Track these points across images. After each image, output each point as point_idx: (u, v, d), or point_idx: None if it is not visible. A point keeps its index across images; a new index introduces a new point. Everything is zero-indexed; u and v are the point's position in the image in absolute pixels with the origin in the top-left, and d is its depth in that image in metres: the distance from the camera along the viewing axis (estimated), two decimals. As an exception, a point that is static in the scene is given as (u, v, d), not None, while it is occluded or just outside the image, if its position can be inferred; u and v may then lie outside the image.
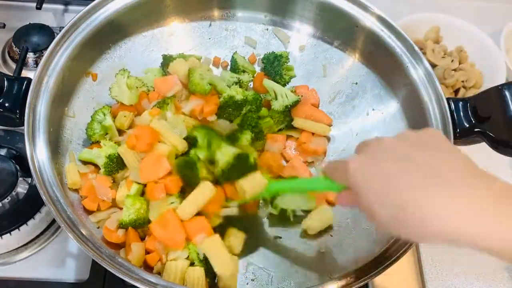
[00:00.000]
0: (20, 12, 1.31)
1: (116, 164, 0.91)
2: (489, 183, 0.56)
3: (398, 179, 0.56)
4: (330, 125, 1.08)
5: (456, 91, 1.28)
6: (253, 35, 1.15)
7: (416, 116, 1.00)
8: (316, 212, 0.94)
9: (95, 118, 0.97)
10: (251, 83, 1.11)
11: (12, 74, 1.09)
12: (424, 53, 1.24)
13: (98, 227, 0.89)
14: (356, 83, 1.10)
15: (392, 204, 0.56)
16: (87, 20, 0.99)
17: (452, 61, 1.29)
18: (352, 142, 1.06)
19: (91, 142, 0.98)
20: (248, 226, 0.94)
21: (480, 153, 1.09)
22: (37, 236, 0.99)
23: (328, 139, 1.08)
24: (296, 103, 1.04)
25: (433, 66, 1.26)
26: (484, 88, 1.26)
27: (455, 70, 1.29)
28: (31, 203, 0.98)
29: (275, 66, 1.09)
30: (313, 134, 1.05)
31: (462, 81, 1.26)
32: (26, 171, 0.99)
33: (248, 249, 0.92)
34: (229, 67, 1.13)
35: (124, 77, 1.00)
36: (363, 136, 1.06)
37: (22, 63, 1.12)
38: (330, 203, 0.97)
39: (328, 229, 0.95)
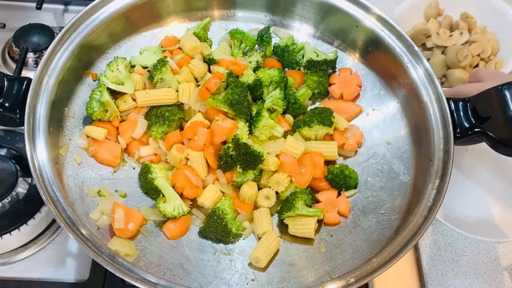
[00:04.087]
0: (20, 12, 1.31)
1: None
2: None
3: None
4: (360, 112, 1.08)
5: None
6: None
7: (416, 116, 1.00)
8: (263, 241, 0.91)
9: (93, 97, 0.98)
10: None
11: (12, 74, 1.09)
12: (429, 37, 1.15)
13: (98, 228, 0.89)
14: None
15: None
16: (87, 20, 0.99)
17: (461, 33, 1.18)
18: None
19: (92, 120, 1.00)
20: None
21: (480, 152, 1.10)
22: (37, 236, 1.00)
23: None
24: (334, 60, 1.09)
25: (443, 51, 1.17)
26: (502, 52, 1.17)
27: (467, 43, 1.19)
28: (31, 203, 0.98)
29: (286, 58, 1.10)
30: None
31: (478, 55, 1.16)
32: (26, 171, 0.99)
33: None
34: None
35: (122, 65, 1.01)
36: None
37: (22, 63, 1.12)
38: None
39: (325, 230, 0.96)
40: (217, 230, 0.91)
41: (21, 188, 0.99)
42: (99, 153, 0.97)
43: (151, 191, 0.95)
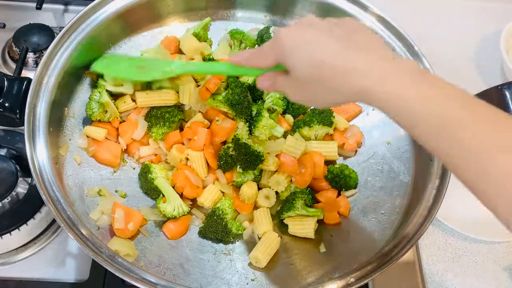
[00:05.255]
0: (20, 12, 1.30)
1: None
2: (404, 60, 0.63)
3: (322, 43, 0.62)
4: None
5: None
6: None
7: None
8: (263, 241, 0.91)
9: (92, 98, 0.98)
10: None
11: (12, 74, 1.08)
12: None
13: (98, 228, 0.89)
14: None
15: (313, 63, 0.62)
16: (87, 20, 0.99)
17: None
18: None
19: (92, 120, 0.99)
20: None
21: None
22: (37, 236, 0.99)
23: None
24: None
25: None
26: None
27: None
28: (31, 203, 0.98)
29: None
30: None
31: None
32: (26, 171, 0.99)
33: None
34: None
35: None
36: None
37: (22, 63, 1.12)
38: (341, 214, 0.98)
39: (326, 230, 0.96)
40: (217, 230, 0.91)
41: (21, 188, 0.99)
42: (99, 153, 0.97)
43: (151, 191, 0.95)
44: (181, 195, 0.94)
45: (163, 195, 0.93)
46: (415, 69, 0.60)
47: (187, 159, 0.96)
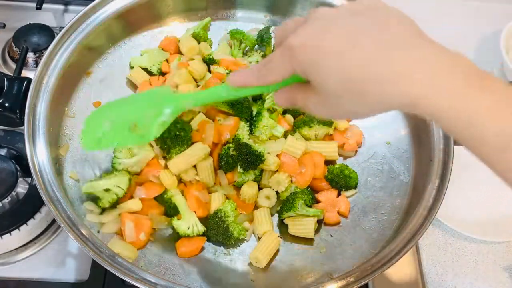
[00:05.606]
0: (20, 12, 1.30)
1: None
2: (453, 55, 0.52)
3: (351, 49, 0.50)
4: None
5: None
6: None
7: (416, 116, 0.99)
8: (263, 241, 0.90)
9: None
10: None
11: (12, 74, 1.08)
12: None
13: (98, 231, 0.89)
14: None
15: (345, 77, 0.51)
16: (87, 20, 0.99)
17: None
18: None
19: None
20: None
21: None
22: (37, 236, 0.99)
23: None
24: None
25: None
26: None
27: None
28: (31, 203, 0.98)
29: None
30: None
31: None
32: (26, 171, 0.99)
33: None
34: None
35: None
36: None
37: (22, 63, 1.12)
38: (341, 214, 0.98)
39: (325, 230, 0.96)
40: (218, 232, 0.90)
41: (21, 188, 0.99)
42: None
43: (169, 209, 0.92)
44: None
45: (169, 208, 0.91)
46: (470, 69, 0.51)
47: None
